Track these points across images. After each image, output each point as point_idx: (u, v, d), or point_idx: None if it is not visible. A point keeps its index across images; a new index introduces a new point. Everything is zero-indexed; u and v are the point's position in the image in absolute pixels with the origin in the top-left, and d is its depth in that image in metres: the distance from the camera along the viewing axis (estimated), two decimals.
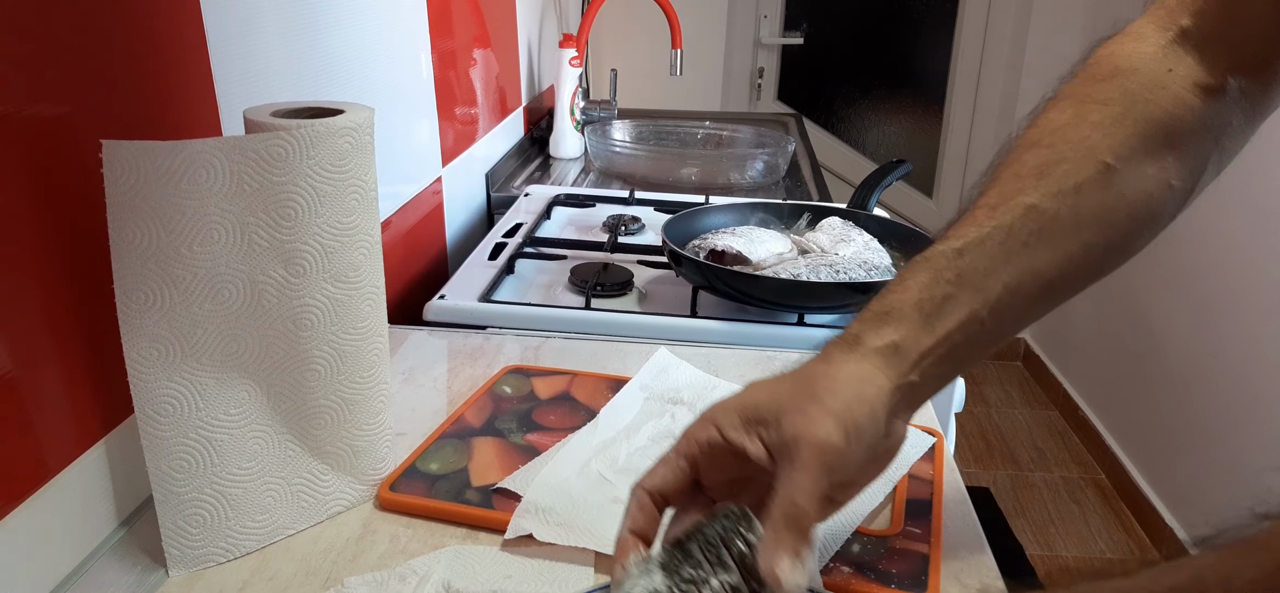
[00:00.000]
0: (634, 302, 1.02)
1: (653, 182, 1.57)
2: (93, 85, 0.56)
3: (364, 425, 0.63)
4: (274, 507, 0.60)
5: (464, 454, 0.68)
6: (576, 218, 1.31)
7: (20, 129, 0.51)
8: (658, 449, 0.69)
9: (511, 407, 0.76)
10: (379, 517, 0.63)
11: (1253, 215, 1.94)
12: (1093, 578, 0.39)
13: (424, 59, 1.16)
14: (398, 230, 1.09)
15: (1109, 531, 2.29)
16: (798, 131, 2.02)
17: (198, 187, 0.51)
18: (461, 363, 0.86)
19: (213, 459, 0.56)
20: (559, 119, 1.72)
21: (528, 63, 1.77)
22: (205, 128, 0.67)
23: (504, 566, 0.57)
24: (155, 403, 0.54)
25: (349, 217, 0.57)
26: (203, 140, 0.51)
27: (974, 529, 0.61)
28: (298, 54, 0.82)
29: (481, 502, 0.63)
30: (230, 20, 0.70)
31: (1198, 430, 2.11)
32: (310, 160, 0.54)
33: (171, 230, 0.51)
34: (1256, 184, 1.92)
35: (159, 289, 0.52)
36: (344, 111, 0.59)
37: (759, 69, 3.01)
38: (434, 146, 1.22)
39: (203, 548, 0.57)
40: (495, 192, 1.49)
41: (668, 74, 1.85)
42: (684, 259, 0.97)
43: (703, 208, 1.14)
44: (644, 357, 0.84)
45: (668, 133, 1.80)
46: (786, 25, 2.99)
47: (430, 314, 0.97)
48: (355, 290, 0.59)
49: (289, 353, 0.58)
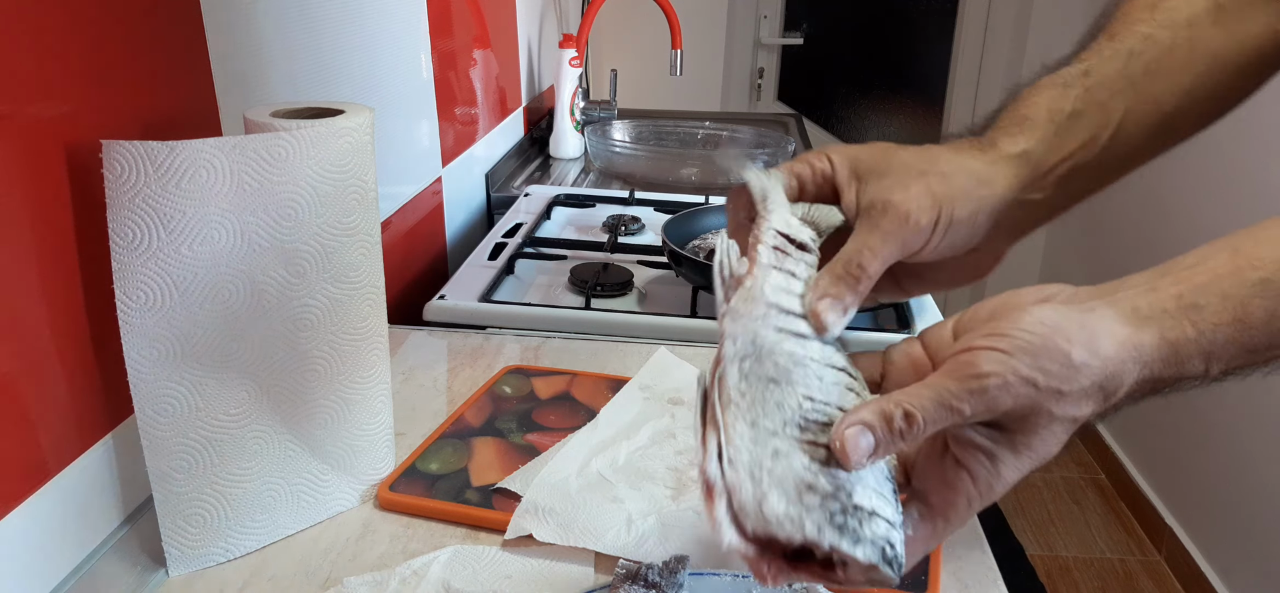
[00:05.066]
0: (634, 302, 1.02)
1: (653, 182, 1.57)
2: (93, 85, 0.56)
3: (364, 425, 0.63)
4: (274, 507, 0.60)
5: (464, 454, 0.68)
6: (576, 218, 1.31)
7: (20, 129, 0.51)
8: (658, 449, 0.69)
9: (511, 407, 0.76)
10: (379, 517, 0.63)
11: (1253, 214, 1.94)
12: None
13: (424, 59, 1.16)
14: (398, 230, 1.09)
15: (1109, 531, 2.29)
16: (798, 132, 2.02)
17: (198, 186, 0.51)
18: (461, 363, 0.86)
19: (213, 459, 0.56)
20: (559, 119, 1.72)
21: (528, 63, 1.77)
22: (205, 128, 0.67)
23: (504, 566, 0.57)
24: (155, 403, 0.54)
25: (349, 217, 0.57)
26: (203, 140, 0.51)
27: (974, 529, 0.61)
28: (298, 54, 0.82)
29: (481, 502, 0.63)
30: (230, 20, 0.70)
31: (1198, 430, 2.11)
32: (310, 160, 0.54)
33: (171, 230, 0.51)
34: (1258, 183, 1.92)
35: (159, 289, 0.52)
36: (344, 112, 0.59)
37: (759, 69, 3.01)
38: (434, 147, 1.22)
39: (203, 548, 0.57)
40: (495, 192, 1.49)
41: (668, 74, 1.85)
42: (684, 259, 0.97)
43: (703, 208, 1.14)
44: (644, 357, 0.84)
45: (668, 133, 1.80)
46: (786, 25, 2.99)
47: (430, 314, 0.97)
48: (355, 290, 0.59)
49: (289, 353, 0.58)
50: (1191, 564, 2.06)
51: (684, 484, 0.64)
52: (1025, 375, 0.38)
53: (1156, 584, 2.12)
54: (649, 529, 0.59)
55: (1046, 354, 0.38)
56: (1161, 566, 2.17)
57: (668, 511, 0.61)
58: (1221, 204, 2.05)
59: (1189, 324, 0.39)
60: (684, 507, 0.62)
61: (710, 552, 0.56)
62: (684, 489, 0.63)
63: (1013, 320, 0.39)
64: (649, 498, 0.62)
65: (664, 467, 0.66)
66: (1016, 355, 0.38)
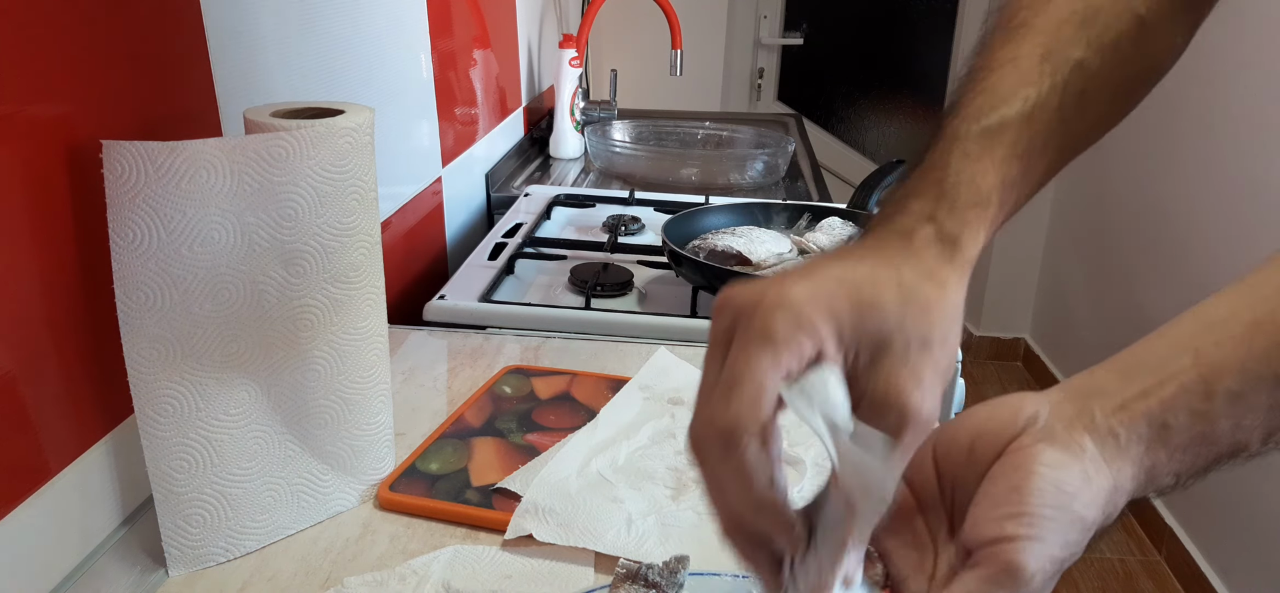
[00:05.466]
0: (634, 302, 1.02)
1: (653, 182, 1.57)
2: (93, 85, 0.56)
3: (364, 425, 0.63)
4: (274, 507, 0.60)
5: (464, 454, 0.68)
6: (576, 218, 1.31)
7: (20, 129, 0.51)
8: (658, 449, 0.69)
9: (511, 407, 0.76)
10: (379, 517, 0.63)
11: (1253, 214, 1.94)
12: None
13: (424, 59, 1.16)
14: (398, 230, 1.09)
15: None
16: (798, 132, 2.02)
17: (198, 187, 0.51)
18: (461, 363, 0.86)
19: (213, 459, 0.57)
20: (559, 119, 1.72)
21: (528, 63, 1.77)
22: (205, 128, 0.67)
23: (504, 566, 0.57)
24: (155, 403, 0.54)
25: (349, 217, 0.57)
26: (203, 140, 0.51)
27: None
28: (298, 54, 0.82)
29: (481, 502, 0.63)
30: (230, 20, 0.70)
31: None
32: (310, 160, 0.54)
33: (171, 230, 0.51)
34: (1257, 182, 1.92)
35: (159, 289, 0.52)
36: (344, 112, 0.59)
37: (759, 69, 3.01)
38: (434, 147, 1.22)
39: (203, 548, 0.57)
40: (495, 192, 1.49)
41: (668, 74, 1.85)
42: (684, 259, 0.97)
43: (703, 208, 1.14)
44: (644, 357, 0.84)
45: (668, 133, 1.80)
46: (786, 25, 2.99)
47: (430, 314, 0.97)
48: (355, 290, 0.59)
49: (289, 353, 0.58)
50: (1191, 564, 2.06)
51: (684, 484, 0.64)
52: (1059, 558, 0.37)
53: (1156, 584, 2.12)
54: (649, 529, 0.59)
55: (1071, 527, 0.38)
56: (1161, 566, 2.17)
57: (668, 511, 0.61)
58: (1221, 204, 2.05)
59: (1162, 450, 0.39)
60: (684, 507, 0.62)
61: (710, 552, 0.56)
62: (684, 489, 0.63)
63: (1031, 487, 0.38)
64: (649, 498, 0.62)
65: (664, 467, 0.66)
66: (1049, 541, 0.37)
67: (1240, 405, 0.39)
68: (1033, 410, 0.40)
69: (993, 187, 0.43)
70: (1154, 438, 0.39)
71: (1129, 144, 2.42)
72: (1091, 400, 0.40)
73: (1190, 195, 2.17)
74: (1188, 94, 2.16)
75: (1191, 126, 2.17)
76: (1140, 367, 0.40)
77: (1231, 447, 0.40)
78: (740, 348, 0.37)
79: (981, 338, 3.15)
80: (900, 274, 0.40)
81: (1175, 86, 1.93)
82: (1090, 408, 0.39)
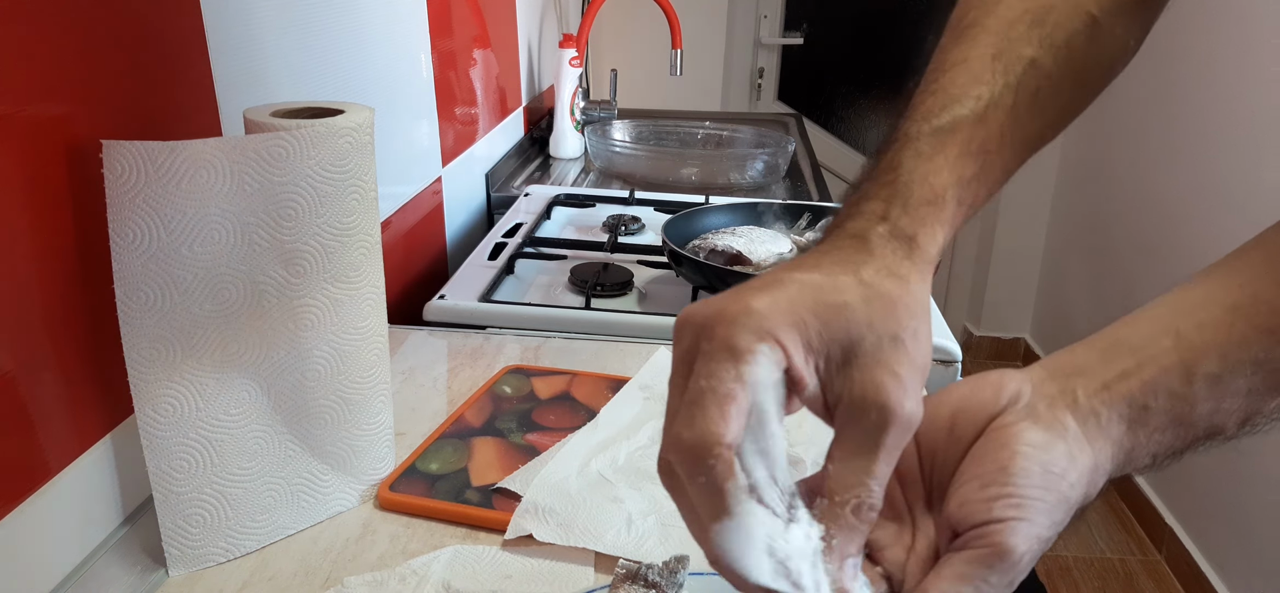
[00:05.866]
0: (634, 302, 1.02)
1: (653, 182, 1.57)
2: (93, 85, 0.56)
3: (364, 425, 0.63)
4: (274, 507, 0.60)
5: (464, 454, 0.68)
6: (576, 218, 1.31)
7: (20, 129, 0.51)
8: (658, 449, 0.69)
9: (511, 407, 0.76)
10: (379, 517, 0.63)
11: (1253, 215, 1.94)
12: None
13: (424, 59, 1.16)
14: (398, 230, 1.09)
15: (1109, 531, 2.29)
16: (798, 131, 2.02)
17: (198, 187, 0.51)
18: (461, 363, 0.86)
19: (213, 459, 0.57)
20: (559, 119, 1.72)
21: (528, 63, 1.77)
22: (205, 128, 0.67)
23: (504, 566, 0.57)
24: (155, 403, 0.54)
25: (349, 217, 0.57)
26: (203, 140, 0.51)
27: None
28: (298, 54, 0.82)
29: (481, 502, 0.63)
30: (230, 20, 0.70)
31: None
32: (310, 160, 0.54)
33: (171, 230, 0.51)
34: (1257, 183, 1.92)
35: (159, 289, 0.52)
36: (344, 112, 0.59)
37: (759, 69, 3.01)
38: (434, 147, 1.22)
39: (203, 548, 0.57)
40: (495, 192, 1.49)
41: (668, 74, 1.85)
42: (684, 259, 0.97)
43: (703, 208, 1.14)
44: (644, 357, 0.84)
45: (668, 133, 1.80)
46: (786, 25, 2.99)
47: (430, 314, 0.97)
48: (355, 290, 0.59)
49: (289, 353, 0.58)
50: (1191, 564, 2.06)
51: None
52: (1046, 537, 0.37)
53: (1156, 584, 2.12)
54: (649, 529, 0.59)
55: (1057, 507, 0.38)
56: (1161, 566, 2.17)
57: (668, 511, 0.61)
58: (1221, 205, 2.05)
59: (1142, 431, 0.39)
60: None
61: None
62: None
63: (1017, 467, 0.37)
64: (649, 498, 0.62)
65: None
66: (1037, 521, 0.37)
67: (1219, 389, 0.39)
68: (1015, 389, 0.40)
69: (947, 184, 0.43)
70: (1134, 419, 0.39)
71: (1129, 144, 2.42)
72: (1073, 380, 0.40)
73: (1190, 196, 2.17)
74: (1188, 95, 2.16)
75: (1191, 127, 2.17)
76: (1121, 346, 0.41)
77: (1208, 429, 0.40)
78: (703, 364, 0.37)
79: (981, 338, 3.15)
80: (860, 274, 0.39)
81: (1175, 87, 1.94)
82: (1073, 387, 0.40)
